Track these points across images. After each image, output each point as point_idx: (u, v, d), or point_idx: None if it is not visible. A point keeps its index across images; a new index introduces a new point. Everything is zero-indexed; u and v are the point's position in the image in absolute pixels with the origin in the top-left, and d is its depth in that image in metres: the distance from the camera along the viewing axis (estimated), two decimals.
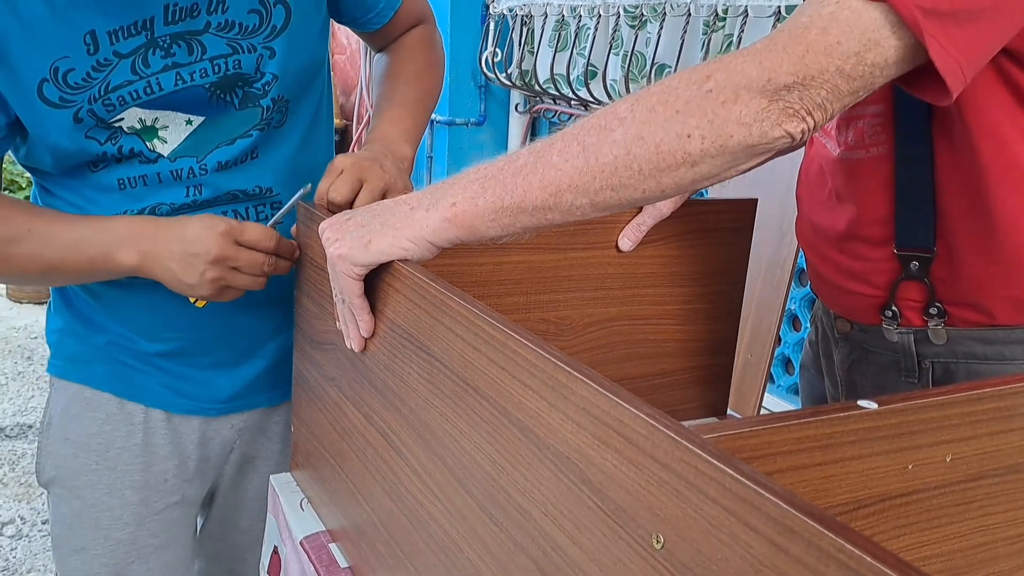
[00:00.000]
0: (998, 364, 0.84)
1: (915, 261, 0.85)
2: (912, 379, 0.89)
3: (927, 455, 0.54)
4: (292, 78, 0.99)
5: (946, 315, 0.85)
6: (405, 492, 0.73)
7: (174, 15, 0.89)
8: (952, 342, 0.86)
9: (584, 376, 0.49)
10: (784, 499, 0.38)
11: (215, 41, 0.92)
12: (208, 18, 0.91)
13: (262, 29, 0.94)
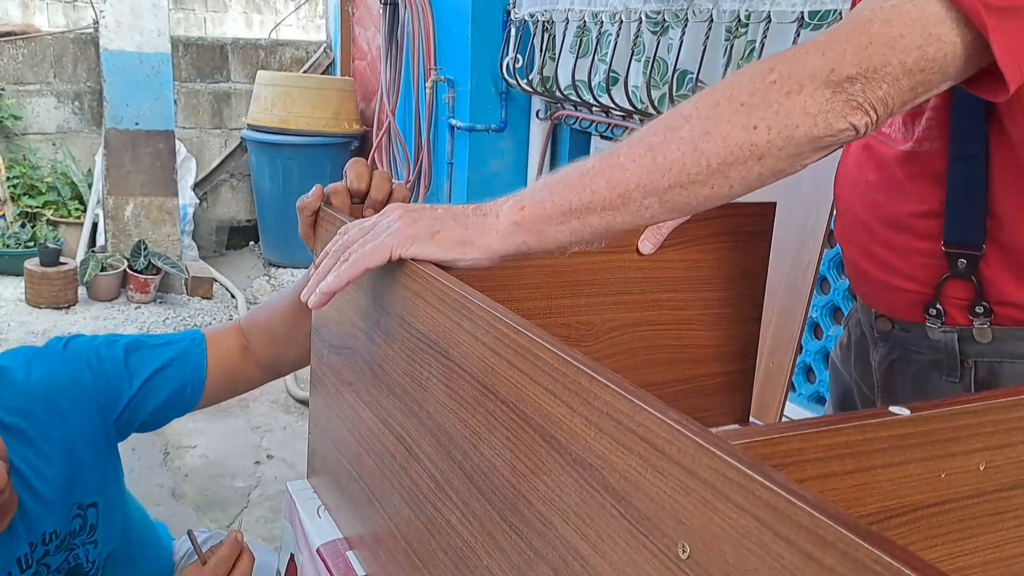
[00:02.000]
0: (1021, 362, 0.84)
1: (963, 259, 0.83)
2: (953, 379, 0.88)
3: (961, 463, 0.52)
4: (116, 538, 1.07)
5: (992, 314, 0.84)
6: (423, 499, 0.72)
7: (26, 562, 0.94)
8: (997, 341, 0.84)
9: (607, 380, 0.48)
10: (817, 508, 0.37)
11: (54, 558, 0.97)
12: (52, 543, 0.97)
13: (83, 530, 1.00)
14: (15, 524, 0.92)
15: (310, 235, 0.92)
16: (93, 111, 4.33)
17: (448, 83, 3.45)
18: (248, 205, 4.84)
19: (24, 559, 0.95)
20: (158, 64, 3.85)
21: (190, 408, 1.08)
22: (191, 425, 2.90)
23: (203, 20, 7.23)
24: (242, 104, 4.67)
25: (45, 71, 4.21)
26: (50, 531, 0.96)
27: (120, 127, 3.85)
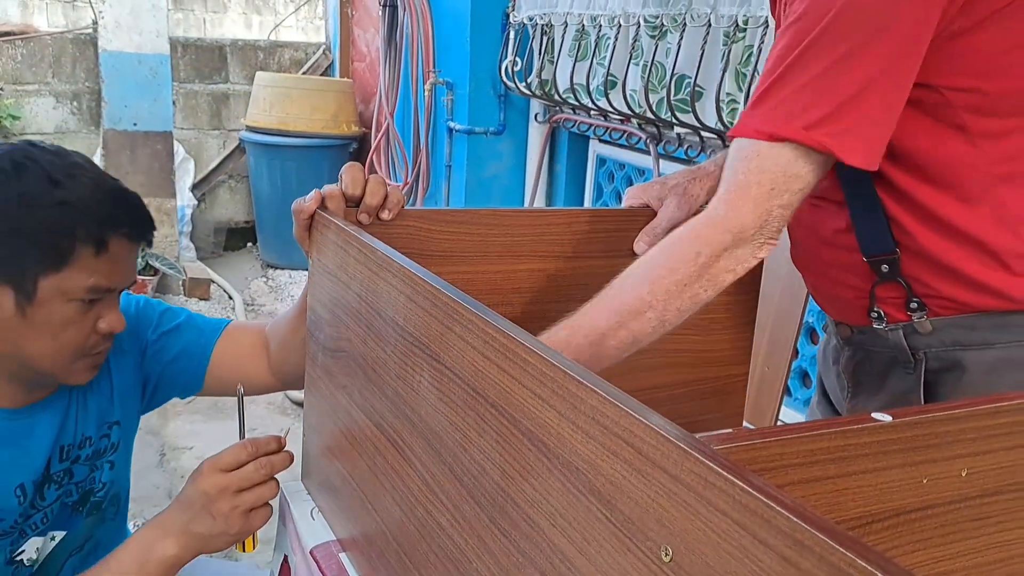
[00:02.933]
0: (983, 349, 0.90)
1: (884, 264, 0.92)
2: (909, 371, 0.95)
3: (942, 469, 0.53)
4: (123, 477, 1.14)
5: (926, 307, 0.92)
6: (415, 501, 0.72)
7: (67, 454, 1.05)
8: (938, 332, 0.92)
9: (594, 385, 0.49)
10: (795, 512, 0.38)
11: (81, 468, 1.07)
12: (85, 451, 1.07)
13: (108, 449, 1.10)
14: (83, 402, 1.06)
15: (305, 238, 0.93)
16: (91, 111, 4.33)
17: (447, 86, 3.46)
18: (246, 206, 4.85)
19: (66, 450, 1.05)
20: (157, 65, 3.86)
21: (195, 385, 1.16)
22: (188, 427, 2.90)
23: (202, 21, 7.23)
24: (241, 105, 4.68)
25: (44, 71, 4.22)
26: (88, 434, 1.07)
27: (118, 128, 3.86)
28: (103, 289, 0.96)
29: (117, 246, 0.96)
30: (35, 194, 0.91)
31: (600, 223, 1.01)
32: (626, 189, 1.10)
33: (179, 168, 4.28)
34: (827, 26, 0.77)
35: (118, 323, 0.99)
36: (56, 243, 0.91)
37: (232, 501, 0.91)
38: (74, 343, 0.96)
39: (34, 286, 0.92)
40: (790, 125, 0.79)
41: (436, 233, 0.94)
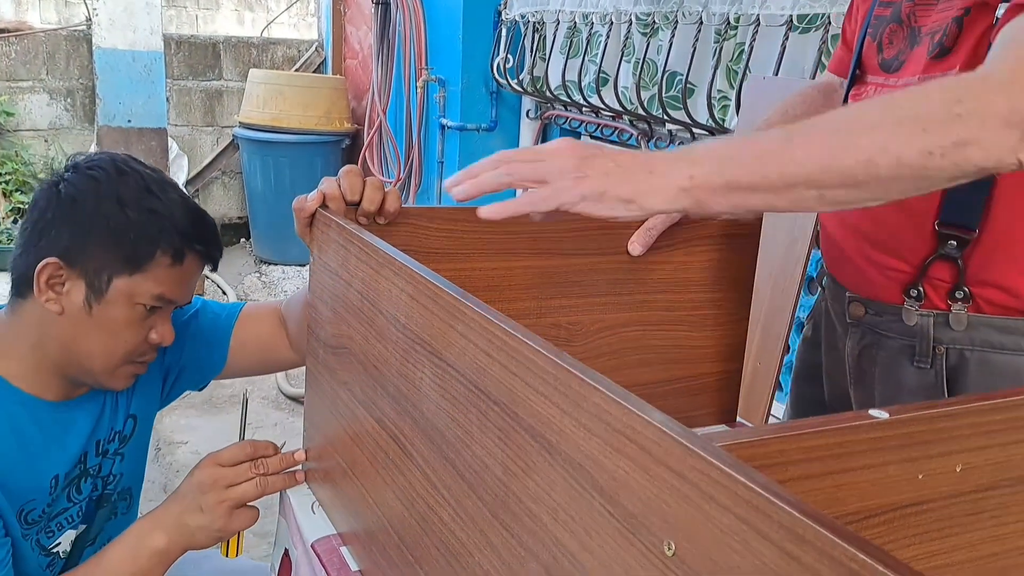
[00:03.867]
0: (1014, 355, 0.85)
1: (953, 240, 0.85)
2: (924, 364, 0.89)
3: (938, 465, 0.54)
4: (134, 471, 1.18)
5: (971, 299, 0.86)
6: (416, 496, 0.73)
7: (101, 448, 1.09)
8: (971, 328, 0.86)
9: (597, 383, 0.50)
10: (796, 507, 0.38)
11: (108, 461, 1.11)
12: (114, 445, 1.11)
13: (126, 440, 1.14)
14: (114, 399, 1.10)
15: (306, 234, 0.94)
16: (86, 108, 4.32)
17: (439, 83, 3.46)
18: (240, 202, 4.84)
19: (100, 445, 1.09)
20: (150, 62, 3.85)
21: (215, 370, 1.19)
22: (183, 421, 2.90)
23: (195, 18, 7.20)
24: (234, 102, 4.67)
25: (38, 68, 4.20)
26: (117, 428, 1.11)
27: (113, 124, 3.85)
28: (167, 300, 1.00)
29: (190, 262, 1.02)
30: (130, 198, 0.97)
31: (596, 219, 1.01)
32: None
33: (173, 164, 4.27)
34: None
35: (169, 336, 1.03)
36: (139, 246, 0.97)
37: (220, 495, 0.94)
38: (126, 347, 1.00)
39: (107, 284, 0.97)
40: None
41: (434, 231, 0.94)
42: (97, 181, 0.98)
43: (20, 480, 0.98)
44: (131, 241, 0.96)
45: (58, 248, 0.96)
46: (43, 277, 0.96)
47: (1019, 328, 0.84)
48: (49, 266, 0.95)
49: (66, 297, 0.97)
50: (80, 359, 0.99)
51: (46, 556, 1.05)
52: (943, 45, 0.84)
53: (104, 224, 0.96)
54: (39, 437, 1.01)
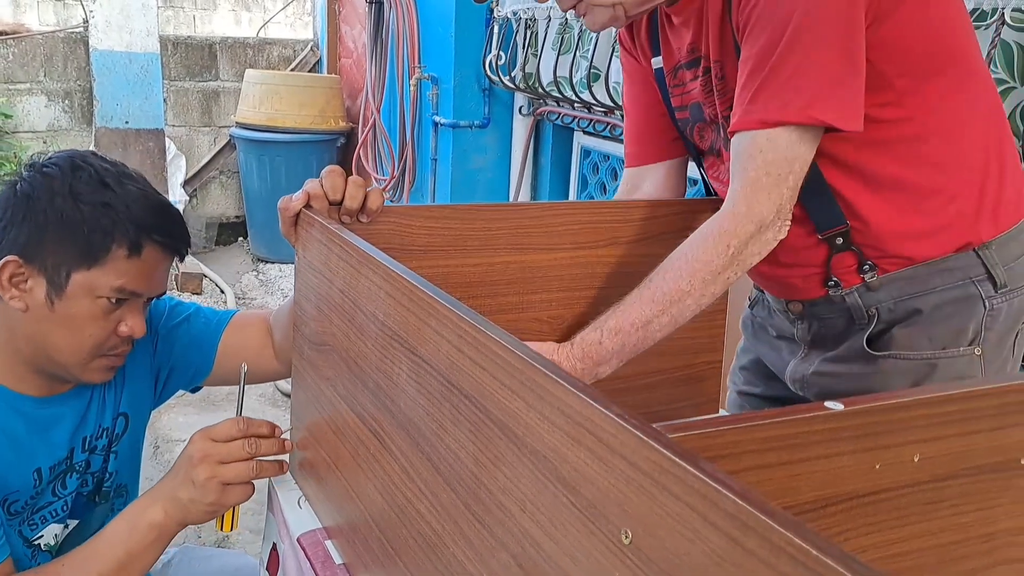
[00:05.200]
0: (925, 295, 1.04)
1: (839, 237, 1.04)
2: (863, 326, 1.08)
3: (894, 455, 0.55)
4: (129, 468, 1.18)
5: (877, 267, 1.05)
6: (395, 489, 0.75)
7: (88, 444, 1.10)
8: (887, 287, 1.05)
9: (558, 377, 0.51)
10: (740, 496, 0.40)
11: (97, 458, 1.12)
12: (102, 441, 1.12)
13: (115, 439, 1.14)
14: (102, 396, 1.11)
15: (292, 233, 0.95)
16: (83, 110, 4.33)
17: (432, 80, 3.47)
18: (237, 202, 4.85)
19: (87, 440, 1.10)
20: (147, 63, 3.87)
21: (203, 373, 1.21)
22: (181, 419, 2.92)
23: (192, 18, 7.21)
24: (231, 102, 4.68)
25: (35, 70, 4.21)
26: (106, 425, 1.12)
27: (110, 126, 3.87)
28: (129, 292, 1.00)
29: (150, 254, 1.01)
30: (84, 191, 0.97)
31: (575, 215, 1.03)
32: None
33: (171, 165, 4.29)
34: (794, 28, 0.91)
35: (139, 328, 1.03)
36: (93, 240, 0.97)
37: (211, 470, 0.94)
38: (94, 340, 1.00)
39: (66, 279, 0.97)
40: (787, 111, 0.91)
41: (416, 228, 0.96)
42: (51, 178, 0.98)
43: (3, 471, 1.00)
44: (85, 234, 0.96)
45: (17, 246, 0.97)
46: (4, 275, 0.97)
47: (920, 274, 1.04)
48: (9, 264, 0.96)
49: (29, 294, 0.97)
50: (50, 354, 1.00)
51: (28, 548, 1.06)
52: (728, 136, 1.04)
53: (58, 219, 0.96)
54: (22, 430, 1.02)
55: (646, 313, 0.96)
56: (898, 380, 1.07)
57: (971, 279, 1.04)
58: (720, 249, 0.94)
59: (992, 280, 1.04)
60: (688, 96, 1.16)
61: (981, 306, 1.04)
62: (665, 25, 1.13)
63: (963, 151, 1.02)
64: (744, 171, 0.94)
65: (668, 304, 0.95)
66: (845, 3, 0.91)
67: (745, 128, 0.94)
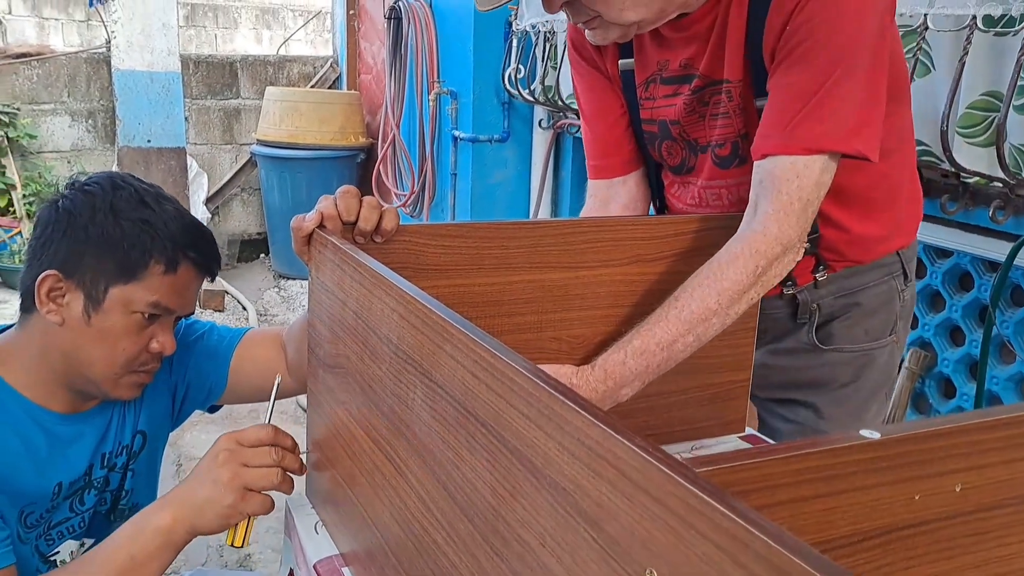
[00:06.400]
0: (863, 290, 1.17)
1: (808, 242, 1.08)
2: (804, 320, 1.19)
3: (935, 485, 0.52)
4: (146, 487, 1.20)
5: (828, 267, 1.16)
6: (411, 518, 0.72)
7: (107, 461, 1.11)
8: (830, 283, 1.17)
9: (578, 406, 0.49)
10: (773, 537, 0.37)
11: (115, 476, 1.13)
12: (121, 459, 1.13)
13: (132, 458, 1.15)
14: (122, 414, 1.12)
15: (305, 252, 0.95)
16: (107, 129, 4.38)
17: (451, 95, 3.47)
18: (258, 218, 4.88)
19: (106, 457, 1.12)
20: (168, 83, 3.90)
21: (218, 390, 1.20)
22: (203, 436, 2.92)
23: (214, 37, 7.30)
24: (252, 120, 4.71)
25: (59, 91, 4.27)
26: (125, 443, 1.14)
27: (133, 145, 3.90)
28: (163, 307, 1.03)
29: (185, 271, 1.04)
30: (124, 208, 1.01)
31: (597, 233, 1.00)
32: None
33: (193, 183, 4.32)
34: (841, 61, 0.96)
35: (170, 346, 1.05)
36: (132, 255, 1.00)
37: (234, 470, 0.90)
38: (126, 355, 1.02)
39: (104, 293, 1.00)
40: (830, 139, 0.96)
41: (431, 248, 0.94)
42: (93, 195, 1.02)
43: (23, 483, 1.00)
44: (124, 250, 1.00)
45: (57, 261, 1.00)
46: (43, 289, 0.99)
47: (856, 271, 1.16)
48: (48, 278, 0.99)
49: (66, 308, 1.00)
50: (82, 368, 1.02)
51: (44, 563, 1.06)
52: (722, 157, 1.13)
53: (99, 235, 1.00)
54: (44, 445, 1.03)
55: (671, 333, 0.95)
56: (841, 371, 1.19)
57: (892, 275, 1.19)
58: (749, 269, 0.95)
59: (904, 274, 1.20)
60: (658, 111, 1.17)
61: (898, 298, 1.20)
62: (647, 36, 1.13)
63: (907, 165, 1.15)
64: (778, 194, 0.97)
65: (694, 324, 0.95)
66: (877, 37, 0.97)
67: (786, 152, 0.96)
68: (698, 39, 1.08)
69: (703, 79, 1.09)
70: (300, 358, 1.14)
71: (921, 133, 1.72)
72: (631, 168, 1.25)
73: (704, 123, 1.12)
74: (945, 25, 1.57)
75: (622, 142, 1.24)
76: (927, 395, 2.01)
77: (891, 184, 1.12)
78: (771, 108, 1.00)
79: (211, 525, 0.92)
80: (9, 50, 4.32)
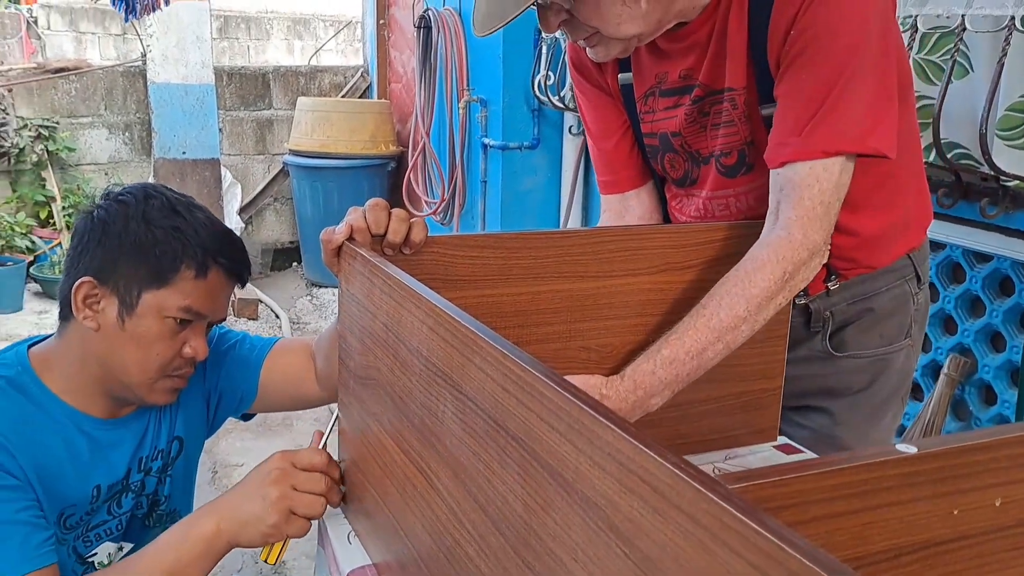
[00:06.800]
0: (876, 296, 1.17)
1: None
2: (818, 328, 1.18)
3: (974, 499, 0.51)
4: (182, 493, 1.22)
5: (840, 275, 1.15)
6: (443, 530, 0.73)
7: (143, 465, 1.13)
8: (843, 291, 1.16)
9: (609, 421, 0.48)
10: (807, 554, 0.37)
11: (151, 480, 1.15)
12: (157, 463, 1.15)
13: (170, 463, 1.18)
14: (158, 419, 1.15)
15: (334, 263, 0.96)
16: (143, 141, 4.45)
17: (481, 102, 3.48)
18: (291, 227, 4.93)
19: (143, 462, 1.14)
20: (202, 95, 3.96)
21: (249, 399, 1.22)
22: (238, 444, 2.96)
23: (247, 48, 7.40)
24: (284, 130, 4.77)
25: (96, 104, 4.35)
26: (161, 447, 1.16)
27: (168, 156, 3.97)
28: (195, 312, 1.05)
29: (215, 277, 1.07)
30: (156, 216, 1.04)
31: (625, 242, 1.00)
32: None
33: (227, 193, 4.38)
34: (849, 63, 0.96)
35: (202, 351, 1.08)
36: (164, 261, 1.03)
37: (284, 491, 0.91)
38: (160, 360, 1.05)
39: (137, 299, 1.03)
40: (846, 140, 0.96)
41: (460, 258, 0.94)
42: (126, 204, 1.05)
43: (65, 485, 1.03)
44: (156, 256, 1.03)
45: (92, 268, 1.03)
46: (79, 296, 1.03)
47: (868, 277, 1.16)
48: (84, 285, 1.02)
49: (101, 314, 1.03)
50: (117, 373, 1.05)
51: (81, 564, 1.09)
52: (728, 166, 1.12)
53: (132, 241, 1.03)
54: (86, 449, 1.06)
55: (701, 341, 0.95)
56: (856, 377, 1.18)
57: (905, 279, 1.18)
58: (777, 275, 0.96)
59: (917, 277, 1.19)
60: (658, 124, 1.17)
61: (912, 301, 1.19)
62: (643, 49, 1.13)
63: (912, 164, 1.14)
64: (800, 200, 0.97)
65: (723, 332, 0.95)
66: (881, 37, 0.97)
67: (805, 158, 0.96)
68: (697, 48, 1.08)
69: (704, 88, 1.09)
70: (329, 368, 1.15)
71: (959, 136, 1.70)
72: (642, 181, 1.26)
73: (706, 133, 1.12)
74: (983, 26, 1.54)
75: (630, 157, 1.24)
76: (967, 402, 1.97)
77: (897, 184, 1.12)
78: (783, 115, 1.00)
79: (251, 540, 0.93)
80: (48, 65, 4.42)
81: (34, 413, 1.03)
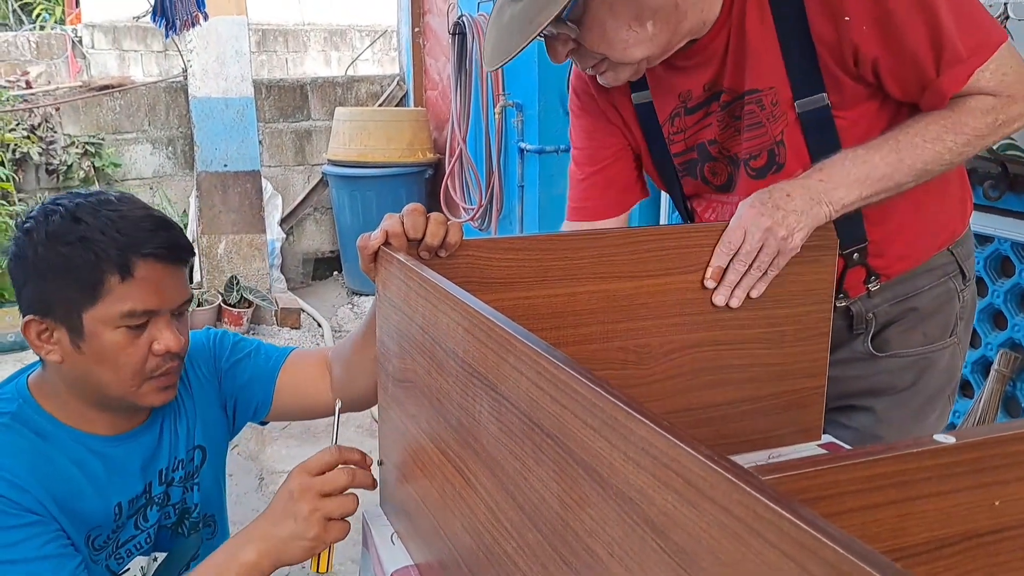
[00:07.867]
0: (918, 295, 1.15)
1: (856, 253, 1.11)
2: (860, 330, 1.17)
3: (1017, 490, 0.50)
4: (213, 499, 1.22)
5: (879, 277, 1.14)
6: (482, 529, 0.73)
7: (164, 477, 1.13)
8: (884, 291, 1.15)
9: (642, 416, 0.49)
10: (843, 544, 0.37)
11: (176, 490, 1.15)
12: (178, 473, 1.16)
13: (195, 472, 1.18)
14: (173, 429, 1.15)
15: (371, 270, 0.96)
16: (185, 155, 4.55)
17: (516, 107, 3.49)
18: (331, 237, 4.99)
19: (163, 473, 1.14)
20: (242, 108, 4.03)
21: (264, 408, 1.22)
22: (284, 451, 3.00)
23: (285, 61, 7.52)
24: (322, 140, 4.83)
25: (140, 120, 4.46)
26: (180, 457, 1.16)
27: (210, 170, 4.04)
28: (141, 313, 1.01)
29: (145, 269, 1.00)
30: (59, 233, 0.99)
31: (661, 241, 1.00)
32: None
33: (268, 204, 4.45)
34: None
35: (174, 343, 1.03)
36: (83, 276, 0.98)
37: (314, 503, 0.91)
38: (132, 367, 1.02)
39: (79, 321, 0.99)
40: (992, 36, 0.98)
41: (496, 261, 0.95)
42: (30, 232, 1.00)
43: (86, 508, 1.04)
44: (76, 275, 0.98)
45: (32, 306, 1.01)
46: (31, 336, 1.02)
47: (911, 276, 1.15)
48: (31, 324, 1.01)
49: (59, 344, 1.01)
50: (100, 391, 1.04)
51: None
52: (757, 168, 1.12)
53: (47, 268, 0.99)
54: (101, 468, 1.06)
55: (899, 153, 0.98)
56: (899, 376, 1.17)
57: (948, 276, 1.16)
58: (988, 120, 0.99)
59: (962, 274, 1.17)
60: (693, 138, 1.16)
61: (957, 299, 1.17)
62: (659, 69, 1.11)
63: None
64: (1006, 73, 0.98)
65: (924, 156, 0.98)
66: None
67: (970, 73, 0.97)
68: (715, 59, 1.07)
69: (730, 93, 1.08)
70: (347, 375, 1.16)
71: None
72: (626, 207, 1.27)
73: (740, 136, 1.11)
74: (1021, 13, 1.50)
75: (627, 182, 1.26)
76: (1019, 398, 1.92)
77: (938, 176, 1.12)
78: (918, 67, 0.99)
79: (296, 557, 0.93)
80: (93, 83, 4.53)
81: (42, 444, 1.02)
